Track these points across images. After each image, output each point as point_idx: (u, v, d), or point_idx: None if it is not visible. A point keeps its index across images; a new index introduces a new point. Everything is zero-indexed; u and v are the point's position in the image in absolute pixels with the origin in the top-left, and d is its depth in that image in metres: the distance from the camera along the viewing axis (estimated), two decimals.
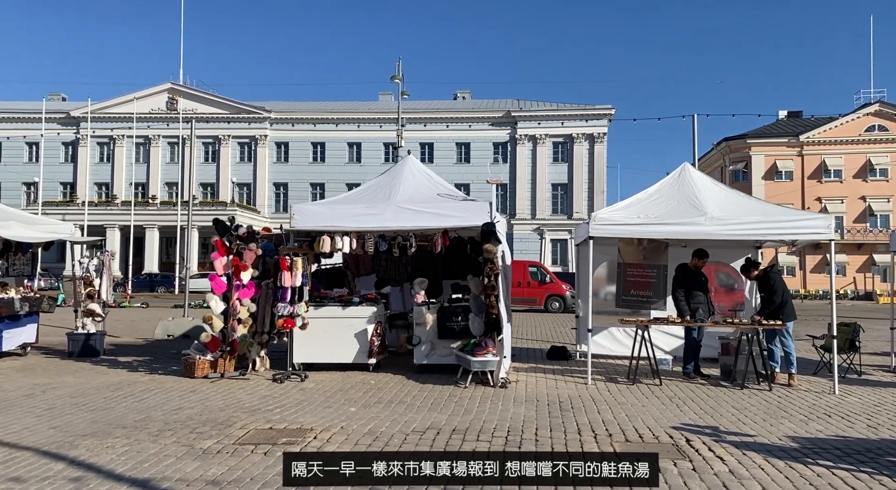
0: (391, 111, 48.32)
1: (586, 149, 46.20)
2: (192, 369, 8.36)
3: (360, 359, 8.80)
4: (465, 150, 47.09)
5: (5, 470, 4.67)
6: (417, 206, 8.75)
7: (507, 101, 49.40)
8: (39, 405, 6.86)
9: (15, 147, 49.35)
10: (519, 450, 5.03)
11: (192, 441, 5.39)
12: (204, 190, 47.17)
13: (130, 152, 47.61)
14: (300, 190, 47.71)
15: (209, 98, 47.32)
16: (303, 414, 6.43)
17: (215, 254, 8.38)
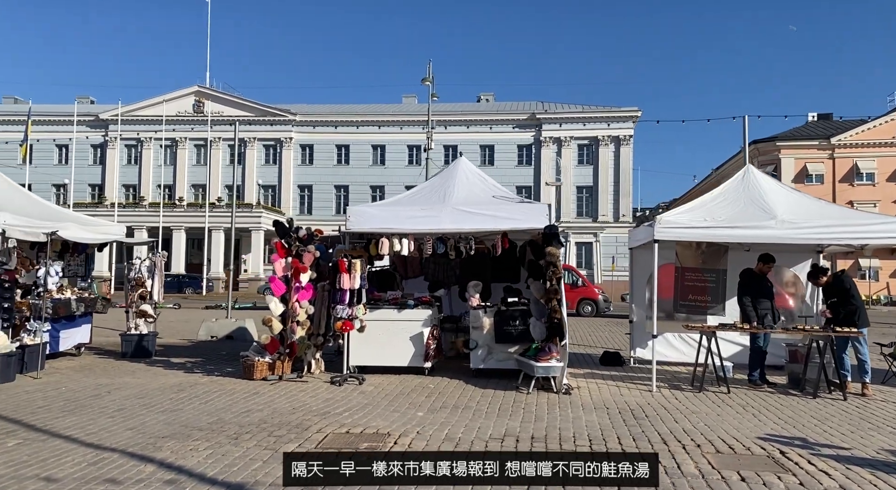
0: (414, 113, 48.43)
1: (612, 151, 45.78)
2: (250, 371, 8.36)
3: (415, 362, 8.73)
4: (489, 153, 46.94)
5: (98, 471, 4.66)
6: (474, 207, 8.67)
7: (531, 104, 49.16)
8: (109, 406, 6.89)
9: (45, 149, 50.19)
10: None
11: (273, 444, 5.35)
12: (229, 192, 47.56)
13: (158, 154, 48.19)
14: (324, 192, 47.94)
15: (235, 101, 47.76)
16: (372, 418, 6.37)
17: (275, 255, 8.38)
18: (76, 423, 6.14)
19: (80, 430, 5.86)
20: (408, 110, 49.74)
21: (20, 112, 48.82)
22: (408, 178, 47.27)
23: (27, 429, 5.90)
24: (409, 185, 48.27)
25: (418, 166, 47.40)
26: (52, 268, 8.68)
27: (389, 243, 8.43)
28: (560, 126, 46.06)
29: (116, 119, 46.89)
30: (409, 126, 47.83)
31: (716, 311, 9.55)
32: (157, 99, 47.91)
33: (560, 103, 48.30)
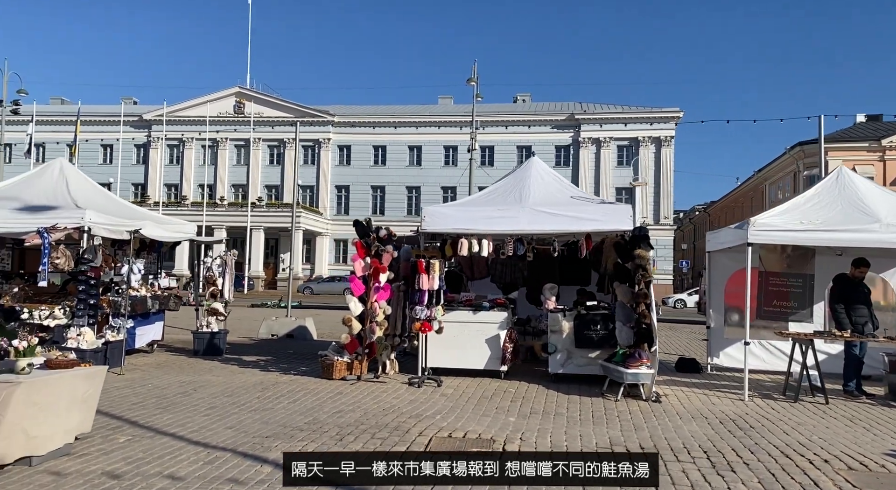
0: (451, 114, 48.39)
1: (652, 152, 45.01)
2: (329, 370, 8.35)
3: (491, 365, 8.61)
4: (525, 153, 46.48)
5: (217, 471, 4.65)
6: (553, 208, 8.52)
7: (569, 104, 48.66)
8: (199, 404, 6.94)
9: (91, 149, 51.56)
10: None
11: (380, 447, 5.29)
12: (269, 192, 48.27)
13: (199, 154, 49.15)
14: (361, 192, 48.23)
15: (275, 102, 48.40)
16: (465, 422, 6.27)
17: (355, 255, 8.35)
18: (175, 420, 6.18)
19: (181, 428, 5.89)
20: (444, 111, 49.73)
21: (67, 112, 50.34)
22: (444, 178, 47.32)
23: (130, 425, 5.96)
24: (445, 186, 48.57)
25: (454, 167, 47.42)
26: (136, 265, 8.81)
27: (468, 244, 8.33)
28: (599, 126, 45.48)
29: (159, 119, 47.98)
30: (446, 127, 47.81)
31: (801, 317, 9.21)
32: (199, 100, 48.84)
33: (599, 104, 47.71)
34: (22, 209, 8.69)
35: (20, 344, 4.83)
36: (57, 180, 9.43)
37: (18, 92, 30.16)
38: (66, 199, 8.98)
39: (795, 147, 46.76)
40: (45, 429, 4.76)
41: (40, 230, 7.97)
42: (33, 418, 4.66)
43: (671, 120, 45.37)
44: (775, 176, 48.04)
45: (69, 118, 49.01)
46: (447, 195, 47.47)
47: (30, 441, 4.66)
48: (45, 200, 8.92)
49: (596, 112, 45.98)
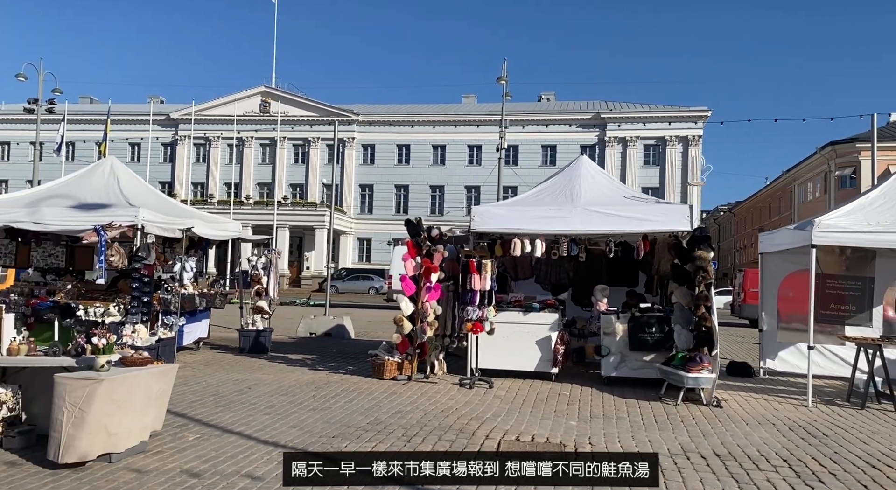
0: (474, 113, 48.25)
1: (679, 152, 44.41)
2: (380, 370, 8.32)
3: (542, 367, 8.51)
4: (550, 153, 46.30)
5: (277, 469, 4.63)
6: (606, 208, 8.39)
7: (595, 103, 48.22)
8: (257, 402, 6.95)
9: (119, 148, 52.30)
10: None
11: (450, 448, 5.23)
12: (293, 190, 48.59)
13: (225, 153, 49.63)
14: (385, 191, 48.32)
15: (300, 101, 48.68)
16: (527, 424, 6.19)
17: (406, 254, 8.31)
18: (237, 419, 6.19)
19: (245, 426, 5.90)
20: (468, 110, 49.60)
21: (95, 111, 51.23)
22: (468, 178, 47.21)
23: (195, 423, 5.98)
24: (469, 186, 48.49)
25: (478, 166, 47.27)
26: (188, 263, 8.87)
27: (521, 244, 8.24)
28: (625, 126, 44.99)
29: (186, 118, 48.55)
30: (470, 126, 47.67)
31: (858, 321, 8.95)
32: (225, 99, 49.32)
33: (625, 102, 47.21)
34: (76, 207, 8.79)
35: (99, 341, 4.86)
36: (108, 178, 9.53)
37: (53, 91, 30.72)
38: (118, 198, 9.06)
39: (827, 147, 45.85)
40: (123, 426, 4.79)
41: (97, 228, 8.05)
42: (113, 415, 4.69)
43: (699, 119, 44.73)
44: (805, 176, 47.12)
45: (98, 117, 49.84)
46: (471, 194, 47.38)
47: (110, 438, 4.69)
48: (98, 198, 9.01)
49: (622, 111, 45.50)
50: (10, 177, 53.35)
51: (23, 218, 8.47)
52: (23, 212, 8.59)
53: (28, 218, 8.47)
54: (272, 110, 48.14)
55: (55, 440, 4.53)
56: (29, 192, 9.58)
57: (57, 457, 4.51)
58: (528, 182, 44.98)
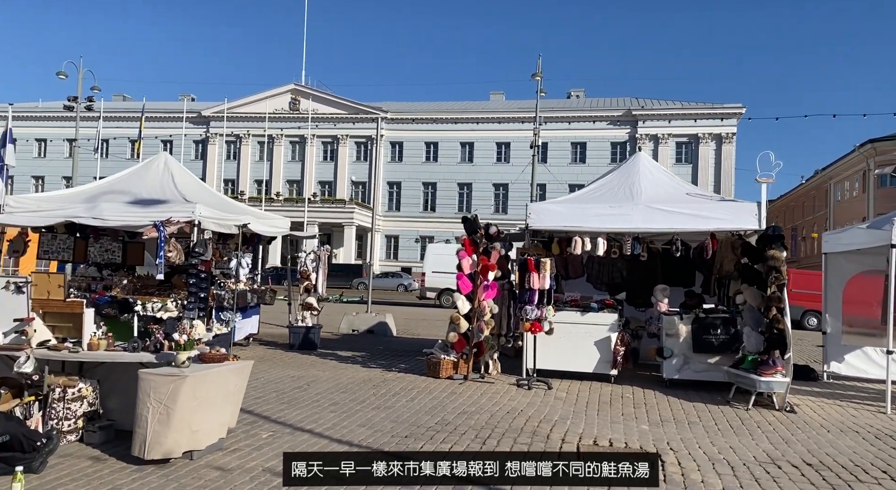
0: (503, 110, 47.97)
1: (713, 149, 43.57)
2: (436, 369, 8.23)
3: (601, 369, 8.33)
4: (580, 150, 45.81)
5: None
6: (669, 206, 8.18)
7: (626, 100, 47.55)
8: (320, 400, 6.91)
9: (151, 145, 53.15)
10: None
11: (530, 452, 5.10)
12: (322, 188, 48.89)
13: (255, 150, 50.18)
14: (412, 189, 48.35)
15: (329, 98, 48.92)
16: (599, 428, 6.04)
17: (463, 252, 8.20)
18: (305, 416, 6.16)
19: (314, 424, 5.85)
20: (496, 107, 49.33)
21: (129, 109, 52.12)
22: (496, 175, 46.97)
23: (263, 420, 5.95)
24: (497, 183, 48.27)
25: (507, 164, 46.98)
26: (244, 259, 8.89)
27: (582, 243, 8.07)
28: (657, 123, 44.28)
29: (217, 116, 49.17)
30: (498, 123, 47.41)
31: None
32: (255, 96, 49.82)
33: (657, 99, 46.46)
34: (134, 203, 8.86)
35: (180, 337, 4.84)
36: (163, 174, 9.61)
37: (92, 88, 31.32)
38: (173, 193, 9.12)
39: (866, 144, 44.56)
40: (205, 423, 4.77)
41: (157, 224, 8.10)
42: (196, 412, 4.67)
43: (733, 116, 43.83)
44: (842, 174, 45.87)
45: (131, 114, 50.72)
46: (499, 192, 47.17)
47: (193, 435, 4.67)
48: (154, 194, 9.09)
49: (654, 108, 44.78)
50: (47, 173, 54.65)
51: (82, 213, 8.57)
52: (82, 207, 8.69)
53: (87, 213, 8.56)
54: (301, 108, 48.48)
55: (140, 436, 4.52)
56: (86, 187, 9.70)
57: (142, 453, 4.50)
58: (558, 180, 44.70)
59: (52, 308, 5.13)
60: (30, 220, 8.67)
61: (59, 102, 55.68)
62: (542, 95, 28.12)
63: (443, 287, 24.61)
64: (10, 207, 8.79)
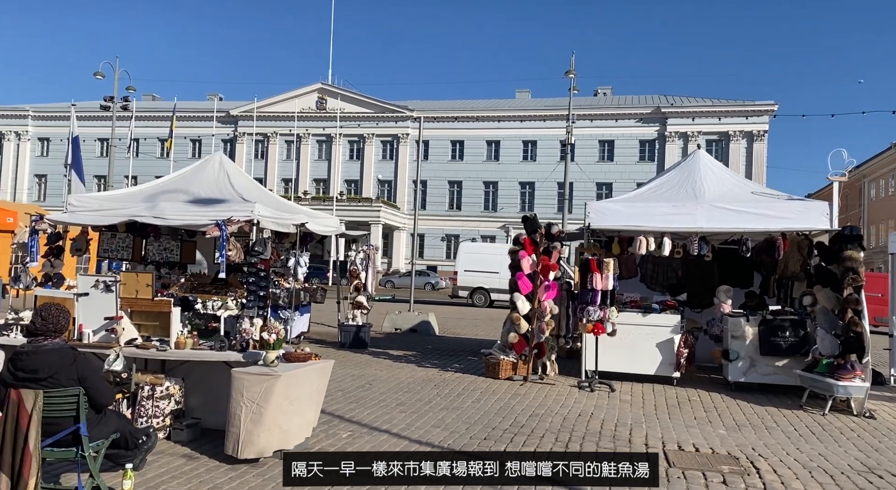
0: (528, 108, 47.69)
1: (744, 147, 42.80)
2: (495, 370, 8.18)
3: (663, 371, 8.20)
4: (608, 148, 45.34)
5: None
6: (735, 205, 8.01)
7: (654, 97, 46.96)
8: (386, 399, 6.90)
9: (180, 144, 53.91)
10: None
11: None
12: (348, 186, 49.13)
13: (282, 149, 50.61)
14: (438, 187, 48.33)
15: (356, 97, 49.11)
16: (675, 431, 5.92)
17: (523, 252, 8.12)
18: (377, 416, 6.14)
19: (388, 424, 5.84)
20: (522, 105, 49.07)
21: (159, 109, 52.91)
22: (522, 174, 46.73)
23: (337, 419, 5.95)
24: (523, 182, 48.06)
25: (533, 162, 46.72)
26: (302, 258, 8.92)
27: (646, 243, 7.94)
28: (687, 120, 43.64)
29: (244, 115, 49.70)
30: (524, 121, 47.16)
31: None
32: (283, 96, 50.22)
33: (687, 97, 45.79)
34: (192, 202, 8.94)
35: (269, 337, 4.85)
36: (218, 174, 9.67)
37: (128, 89, 31.86)
38: (230, 193, 9.19)
39: None
40: (294, 422, 4.77)
41: (219, 223, 8.15)
42: (286, 412, 4.67)
43: (764, 113, 43.00)
44: (877, 172, 44.75)
45: (160, 114, 51.46)
46: (525, 191, 46.94)
47: (283, 435, 4.68)
48: (211, 193, 9.15)
49: (683, 105, 44.13)
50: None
51: (143, 212, 8.66)
52: (143, 206, 8.79)
53: (148, 212, 8.65)
54: (328, 107, 48.75)
55: (233, 435, 4.54)
56: (143, 187, 9.82)
57: (236, 452, 4.51)
58: (586, 178, 44.31)
59: (140, 307, 5.17)
60: (93, 218, 8.79)
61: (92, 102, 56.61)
62: (576, 92, 27.79)
63: (475, 286, 24.56)
64: (73, 207, 8.94)
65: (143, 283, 5.15)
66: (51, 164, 54.75)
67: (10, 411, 3.43)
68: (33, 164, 54.82)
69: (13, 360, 3.55)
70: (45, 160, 54.88)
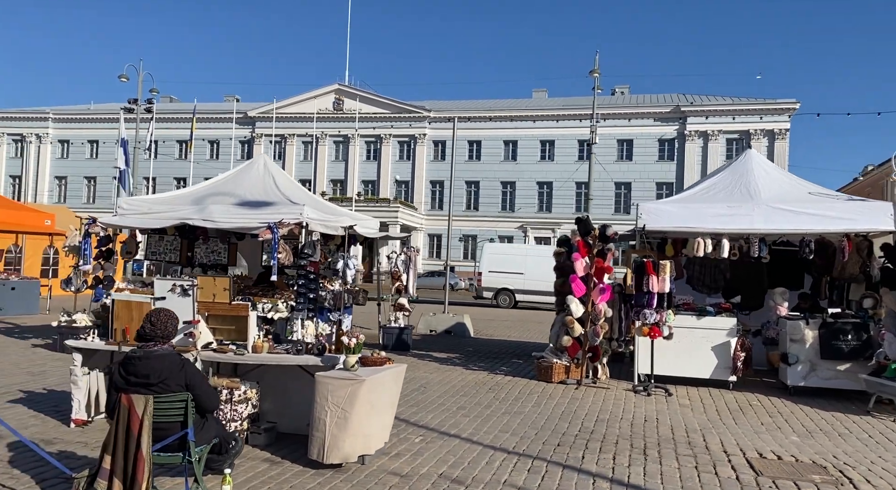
0: (546, 108, 47.49)
1: (765, 146, 42.31)
2: (547, 373, 8.11)
3: (718, 375, 8.08)
4: (626, 147, 45.04)
5: (553, 483, 4.45)
6: (793, 206, 7.88)
7: (673, 96, 46.61)
8: (445, 403, 6.86)
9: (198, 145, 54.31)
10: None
11: (698, 466, 4.93)
12: (365, 187, 49.21)
13: (299, 150, 50.81)
14: (456, 188, 48.11)
15: (373, 98, 49.18)
16: (749, 438, 5.82)
17: (576, 254, 8.04)
18: (441, 420, 6.11)
19: (457, 429, 5.79)
20: (539, 105, 48.87)
21: (177, 110, 53.27)
22: (540, 173, 46.55)
23: (403, 423, 5.90)
24: (540, 181, 47.92)
25: (551, 162, 46.53)
26: (350, 260, 8.90)
27: (704, 244, 7.83)
28: (707, 119, 43.25)
29: (262, 117, 49.94)
30: (541, 121, 46.98)
31: None
32: (300, 97, 50.40)
33: (706, 95, 45.40)
34: (241, 204, 8.94)
35: (350, 341, 4.82)
36: (264, 176, 9.68)
37: (151, 91, 32.12)
38: (277, 195, 9.18)
39: None
40: (374, 427, 4.73)
41: (271, 225, 8.14)
42: (368, 416, 4.63)
43: (785, 112, 42.53)
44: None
45: (178, 115, 51.84)
46: (542, 191, 46.75)
47: (365, 439, 4.64)
48: (258, 196, 9.14)
49: (703, 104, 43.74)
50: (98, 174, 56.15)
51: (193, 215, 8.68)
52: (191, 209, 8.80)
53: (198, 215, 8.66)
54: (345, 108, 48.87)
55: (318, 440, 4.51)
56: (190, 190, 9.86)
57: (321, 457, 4.48)
58: (604, 178, 44.03)
59: (217, 311, 5.16)
60: (142, 221, 8.82)
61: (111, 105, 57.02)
62: (600, 91, 27.58)
63: (500, 286, 24.48)
64: (123, 210, 8.98)
65: (221, 288, 5.14)
66: (71, 167, 55.40)
67: (122, 416, 3.42)
68: (54, 167, 55.40)
69: (124, 364, 3.54)
70: (65, 162, 55.48)
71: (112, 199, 56.31)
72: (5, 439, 4.90)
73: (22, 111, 56.58)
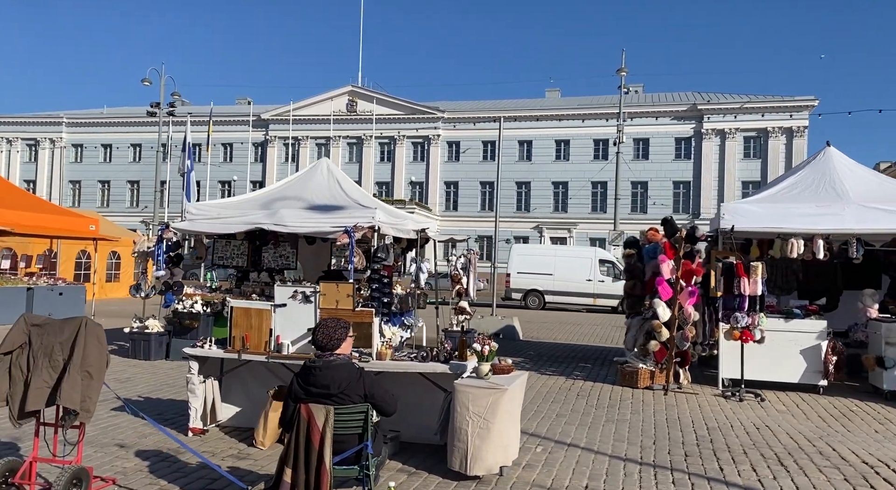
0: (559, 108, 47.29)
1: (783, 143, 42.07)
2: (632, 379, 7.93)
3: (808, 379, 7.89)
4: (642, 146, 44.79)
5: None
6: (887, 205, 7.70)
7: (690, 94, 46.37)
8: (541, 410, 6.72)
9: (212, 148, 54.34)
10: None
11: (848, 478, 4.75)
12: (379, 188, 49.07)
13: (313, 152, 50.69)
14: (469, 189, 48.10)
15: (386, 99, 49.06)
16: (873, 446, 5.63)
17: (663, 256, 7.86)
18: (548, 427, 5.98)
19: (570, 438, 5.64)
20: (553, 105, 48.67)
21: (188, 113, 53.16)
22: (555, 174, 46.35)
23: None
24: (556, 181, 47.71)
25: (566, 162, 46.33)
26: (423, 264, 8.74)
27: (796, 245, 7.64)
28: (724, 117, 42.99)
29: (276, 119, 49.87)
30: (555, 120, 46.80)
31: None
32: (314, 99, 50.31)
33: (723, 93, 45.16)
34: (310, 209, 8.79)
35: (483, 348, 4.65)
36: (328, 180, 9.52)
37: (173, 95, 32.10)
38: (345, 199, 9.03)
39: None
40: (511, 437, 4.57)
41: (347, 230, 7.99)
42: (506, 426, 4.47)
43: (804, 109, 42.22)
44: None
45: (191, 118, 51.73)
46: (558, 191, 46.56)
47: (505, 450, 4.48)
48: (325, 200, 8.99)
49: (720, 102, 43.49)
50: (112, 177, 56.15)
51: (264, 220, 8.53)
52: (262, 214, 8.65)
53: (269, 220, 8.51)
54: (359, 109, 48.76)
55: (460, 450, 4.35)
56: (256, 194, 9.72)
57: (464, 468, 4.32)
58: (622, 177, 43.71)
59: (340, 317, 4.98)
60: (212, 226, 8.67)
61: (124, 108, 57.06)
62: (626, 91, 27.38)
63: (529, 288, 24.28)
64: (192, 215, 8.83)
65: (344, 294, 4.99)
66: (85, 171, 55.42)
67: (301, 428, 3.26)
68: (68, 171, 55.41)
69: (303, 374, 3.40)
70: (79, 166, 55.50)
71: (125, 203, 56.46)
72: (131, 449, 4.75)
73: (35, 116, 56.63)
